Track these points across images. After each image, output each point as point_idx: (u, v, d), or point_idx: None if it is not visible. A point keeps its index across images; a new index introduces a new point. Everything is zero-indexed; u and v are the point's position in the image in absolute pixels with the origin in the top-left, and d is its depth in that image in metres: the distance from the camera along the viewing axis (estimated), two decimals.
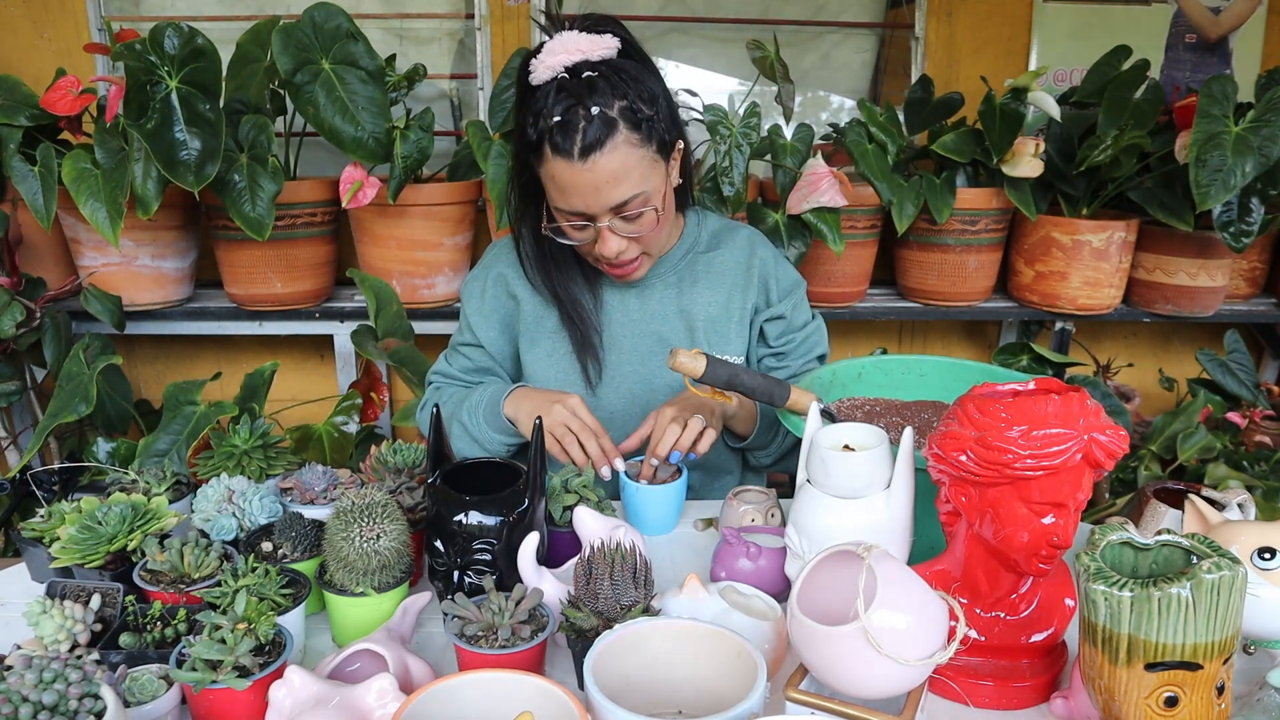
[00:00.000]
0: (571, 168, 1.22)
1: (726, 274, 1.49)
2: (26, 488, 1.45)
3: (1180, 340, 2.95)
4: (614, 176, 1.23)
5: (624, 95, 1.22)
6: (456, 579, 1.04)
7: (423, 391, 2.08)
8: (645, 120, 1.24)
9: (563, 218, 1.30)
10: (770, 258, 1.52)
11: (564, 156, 1.22)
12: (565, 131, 1.21)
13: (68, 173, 1.94)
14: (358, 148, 2.01)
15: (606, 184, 1.24)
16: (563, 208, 1.28)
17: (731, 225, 1.55)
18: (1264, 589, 0.91)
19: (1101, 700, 0.80)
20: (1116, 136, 2.19)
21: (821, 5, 2.72)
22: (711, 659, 0.86)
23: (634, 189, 1.26)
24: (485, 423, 1.40)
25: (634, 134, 1.24)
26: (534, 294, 1.48)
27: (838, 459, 0.99)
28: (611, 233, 1.29)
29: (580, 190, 1.24)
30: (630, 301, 1.47)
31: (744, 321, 1.50)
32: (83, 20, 2.43)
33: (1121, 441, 0.83)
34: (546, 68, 1.23)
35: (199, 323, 2.35)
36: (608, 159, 1.22)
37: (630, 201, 1.26)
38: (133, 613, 0.95)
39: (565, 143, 1.21)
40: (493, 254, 1.55)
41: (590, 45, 1.23)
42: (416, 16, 2.59)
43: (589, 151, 1.21)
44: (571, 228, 1.31)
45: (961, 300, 2.48)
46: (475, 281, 1.53)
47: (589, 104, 1.20)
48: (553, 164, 1.24)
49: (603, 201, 1.25)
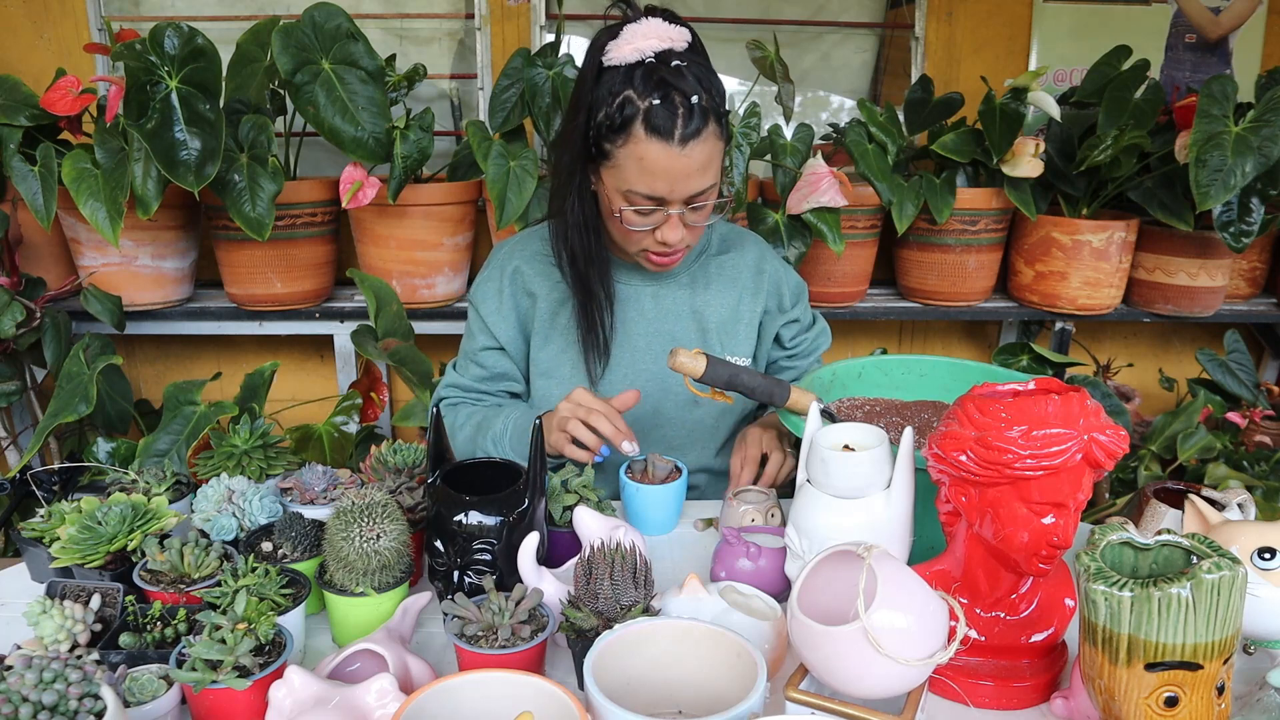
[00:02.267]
0: (668, 152, 1.24)
1: (738, 277, 1.50)
2: (26, 488, 1.45)
3: (1180, 340, 2.95)
4: (701, 166, 1.27)
5: (708, 89, 1.26)
6: (456, 579, 1.04)
7: (424, 394, 2.09)
8: (724, 116, 1.29)
9: (633, 200, 1.30)
10: (778, 264, 1.55)
11: (662, 139, 1.23)
12: (667, 115, 1.23)
13: (68, 173, 1.94)
14: (358, 148, 2.01)
15: (695, 172, 1.26)
16: (640, 190, 1.28)
17: (738, 230, 1.57)
18: (1264, 589, 0.91)
19: (1101, 700, 0.80)
20: (1116, 136, 2.19)
21: (821, 5, 2.72)
22: (711, 659, 0.86)
23: (711, 180, 1.30)
24: (513, 453, 1.36)
25: (717, 127, 1.27)
26: (550, 290, 1.47)
27: (838, 459, 0.99)
28: (679, 220, 1.31)
29: (670, 175, 1.26)
30: (645, 301, 1.47)
31: (752, 324, 1.50)
32: (83, 20, 2.43)
33: (1121, 441, 0.83)
34: (632, 49, 1.25)
35: (199, 323, 2.35)
36: (701, 148, 1.25)
37: (706, 191, 1.30)
38: (133, 613, 0.95)
39: (667, 126, 1.23)
40: (504, 252, 1.52)
41: (673, 35, 1.27)
42: (416, 16, 2.59)
43: (689, 139, 1.24)
44: (637, 212, 1.31)
45: (961, 300, 2.48)
46: (489, 283, 1.50)
47: (688, 92, 1.23)
48: (645, 145, 1.24)
49: (688, 188, 1.28)
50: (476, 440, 1.41)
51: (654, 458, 1.32)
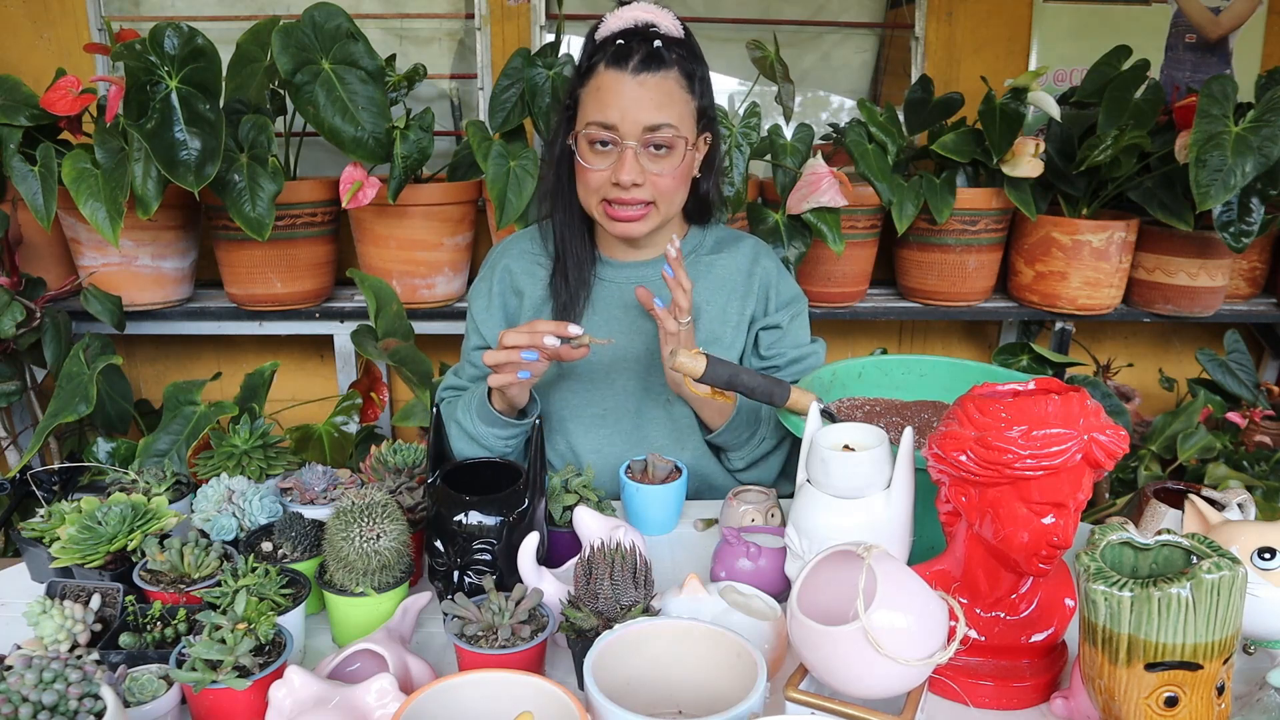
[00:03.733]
0: (620, 78, 1.28)
1: (727, 279, 1.49)
2: (26, 488, 1.45)
3: (1180, 340, 2.95)
4: (656, 100, 1.28)
5: (682, 56, 1.31)
6: (456, 579, 1.04)
7: (424, 394, 2.09)
8: (697, 79, 1.32)
9: (592, 132, 1.31)
10: (773, 268, 1.52)
11: (617, 68, 1.28)
12: (624, 50, 1.28)
13: (68, 173, 1.93)
14: (358, 148, 2.01)
15: (648, 102, 1.28)
16: (597, 119, 1.30)
17: (736, 234, 1.56)
18: (1264, 589, 0.91)
19: (1101, 700, 0.80)
20: (1116, 136, 2.19)
21: (821, 5, 2.72)
22: (711, 659, 0.86)
23: (669, 118, 1.30)
24: (478, 417, 1.38)
25: (684, 80, 1.31)
26: (535, 288, 1.48)
27: (838, 459, 0.99)
28: (634, 157, 1.31)
29: (620, 100, 1.28)
30: (630, 296, 1.47)
31: (740, 328, 1.49)
32: (83, 20, 2.43)
33: (1121, 441, 0.83)
34: (617, 19, 1.30)
35: (199, 323, 2.35)
36: (657, 81, 1.28)
37: (662, 128, 1.30)
38: (133, 613, 0.95)
39: (622, 58, 1.28)
40: (496, 252, 1.55)
41: (664, 19, 1.32)
42: (416, 16, 2.59)
43: (643, 68, 1.27)
44: (595, 150, 1.32)
45: (961, 300, 2.48)
46: (481, 283, 1.53)
47: (652, 40, 1.29)
48: (602, 76, 1.29)
49: (640, 116, 1.29)
50: (453, 415, 1.42)
51: (654, 458, 1.32)
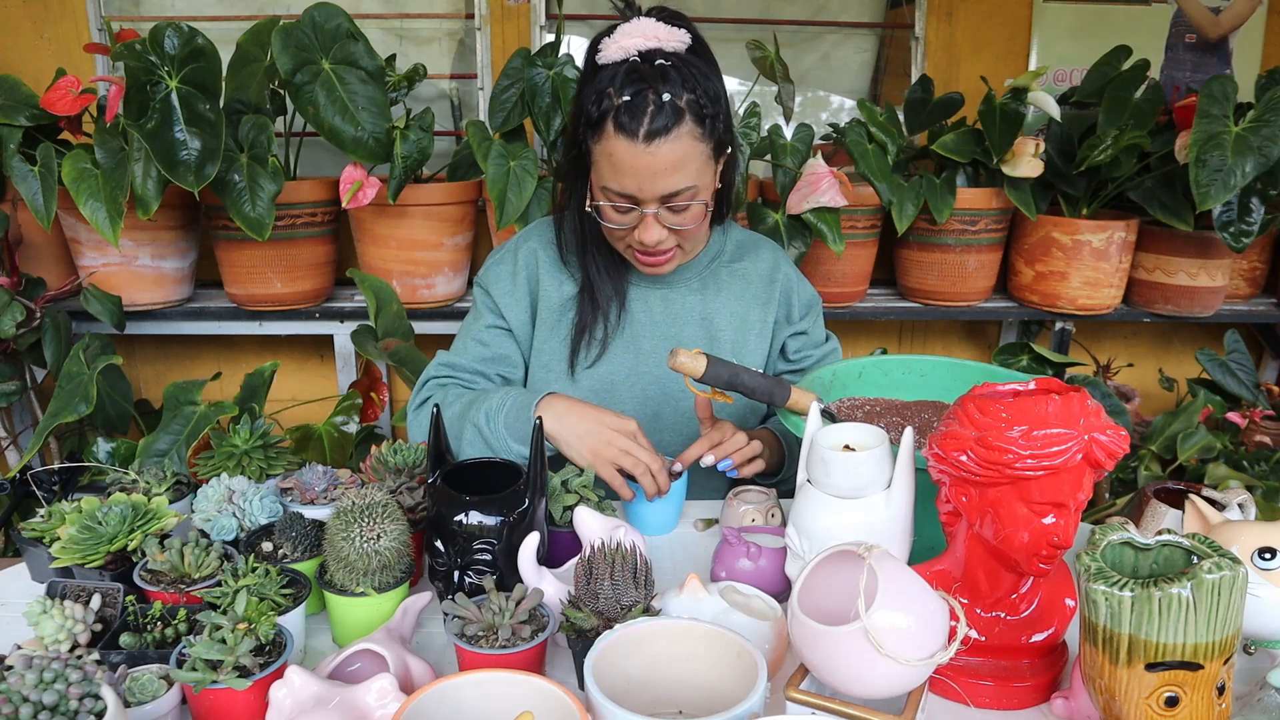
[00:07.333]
0: (633, 149, 1.23)
1: (750, 285, 1.49)
2: (26, 488, 1.45)
3: (1180, 340, 2.95)
4: (672, 165, 1.24)
5: (693, 89, 1.24)
6: (456, 579, 1.04)
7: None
8: (709, 117, 1.26)
9: (609, 197, 1.29)
10: (793, 275, 1.54)
11: (627, 136, 1.22)
12: (633, 112, 1.22)
13: (68, 173, 1.93)
14: (358, 148, 2.01)
15: (664, 171, 1.24)
16: (612, 187, 1.28)
17: (753, 237, 1.55)
18: (1264, 589, 0.91)
19: (1102, 700, 0.80)
20: (1116, 136, 2.19)
21: (821, 5, 2.72)
22: (711, 659, 0.86)
23: (687, 181, 1.27)
24: (506, 431, 1.29)
25: (697, 128, 1.25)
26: (554, 290, 1.45)
27: (838, 459, 0.98)
28: (655, 220, 1.29)
29: (636, 173, 1.24)
30: (655, 304, 1.47)
31: (764, 334, 1.50)
32: (83, 20, 2.43)
33: (1122, 441, 0.83)
34: (619, 48, 1.25)
35: (199, 323, 2.35)
36: (670, 147, 1.23)
37: (681, 193, 1.27)
38: (133, 613, 0.95)
39: (631, 123, 1.22)
40: (520, 236, 1.50)
41: (666, 35, 1.26)
42: (416, 16, 2.59)
43: (654, 136, 1.22)
44: (615, 209, 1.30)
45: (961, 300, 2.48)
46: (502, 265, 1.48)
47: (660, 90, 1.22)
48: (613, 142, 1.24)
49: (656, 188, 1.26)
50: (467, 415, 1.32)
51: None
